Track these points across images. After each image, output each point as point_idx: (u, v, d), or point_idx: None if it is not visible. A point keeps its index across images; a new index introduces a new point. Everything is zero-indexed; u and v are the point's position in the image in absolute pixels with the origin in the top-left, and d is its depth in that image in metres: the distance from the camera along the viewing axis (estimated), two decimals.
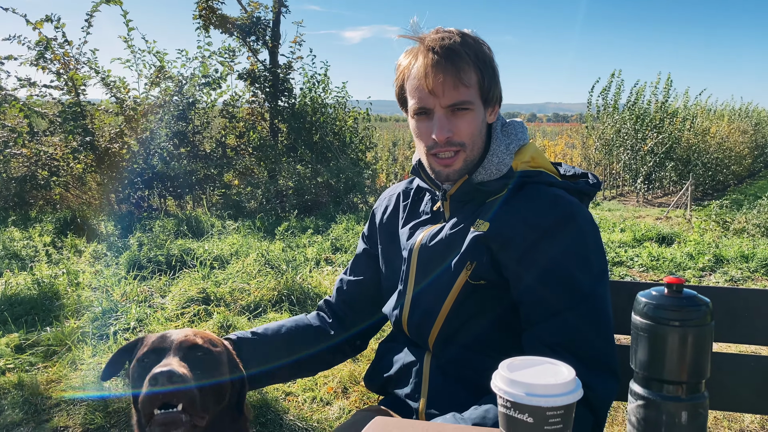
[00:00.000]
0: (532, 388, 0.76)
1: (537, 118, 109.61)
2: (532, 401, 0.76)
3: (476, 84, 1.27)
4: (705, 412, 0.78)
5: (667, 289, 0.77)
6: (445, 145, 1.28)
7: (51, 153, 9.40)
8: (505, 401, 0.78)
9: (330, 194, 9.53)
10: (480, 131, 1.31)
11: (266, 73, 10.24)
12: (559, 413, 0.76)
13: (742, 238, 6.88)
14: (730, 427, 2.88)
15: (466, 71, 1.25)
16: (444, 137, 1.26)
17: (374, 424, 1.04)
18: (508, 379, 0.78)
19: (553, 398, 0.76)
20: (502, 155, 1.33)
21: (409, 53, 1.32)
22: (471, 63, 1.25)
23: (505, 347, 1.26)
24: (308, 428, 2.88)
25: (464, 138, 1.28)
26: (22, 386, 3.31)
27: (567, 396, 0.77)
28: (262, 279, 4.95)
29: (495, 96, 1.32)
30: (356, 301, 1.57)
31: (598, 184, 1.37)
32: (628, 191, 13.39)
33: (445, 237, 1.32)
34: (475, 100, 1.28)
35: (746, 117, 17.91)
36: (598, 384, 1.13)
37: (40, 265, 5.73)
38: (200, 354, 1.13)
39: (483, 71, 1.27)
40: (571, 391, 0.77)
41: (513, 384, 0.78)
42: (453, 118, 1.27)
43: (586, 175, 1.39)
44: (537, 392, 0.76)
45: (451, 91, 1.25)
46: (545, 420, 0.76)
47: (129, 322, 4.14)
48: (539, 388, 0.76)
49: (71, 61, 9.04)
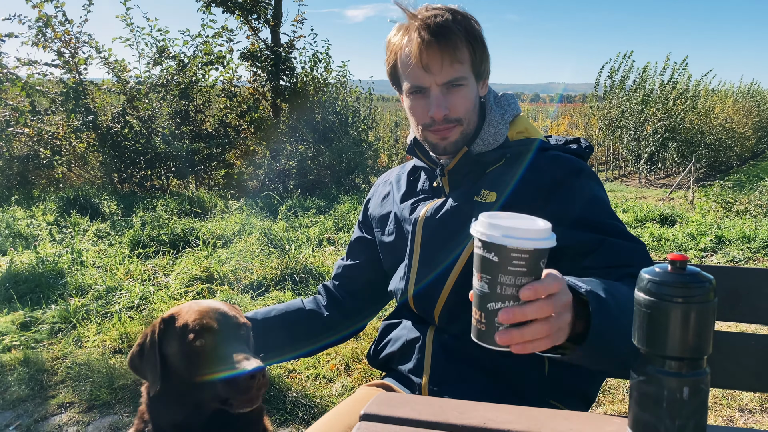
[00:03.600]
0: (502, 230, 0.80)
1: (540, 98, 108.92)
2: (497, 240, 0.80)
3: (469, 59, 1.28)
4: (706, 387, 0.79)
5: (671, 266, 0.77)
6: (442, 122, 1.29)
7: (53, 132, 9.38)
8: (479, 241, 0.83)
9: (332, 174, 9.52)
10: (474, 105, 1.33)
11: (268, 51, 10.17)
12: (523, 257, 0.80)
13: (744, 219, 6.87)
14: (729, 405, 2.91)
15: (459, 48, 1.26)
16: (441, 114, 1.28)
17: (377, 398, 1.05)
18: (486, 223, 0.82)
19: (517, 240, 0.79)
20: (497, 125, 1.35)
21: (400, 30, 1.31)
22: (463, 39, 1.26)
23: None
24: (311, 405, 2.92)
25: (461, 113, 1.30)
26: (27, 363, 3.35)
27: (531, 241, 0.79)
28: (265, 258, 4.97)
29: (486, 70, 1.34)
30: (353, 284, 1.59)
31: (590, 147, 1.40)
32: (630, 172, 13.35)
33: (450, 208, 1.33)
34: (469, 75, 1.29)
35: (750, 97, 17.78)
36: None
37: (43, 244, 5.75)
38: (243, 332, 1.21)
39: (474, 46, 1.29)
40: (535, 238, 0.80)
41: (488, 226, 0.82)
42: (449, 95, 1.28)
43: (578, 140, 1.41)
44: (504, 233, 0.80)
45: (448, 69, 1.26)
46: (509, 260, 0.80)
47: (133, 301, 4.17)
48: (507, 230, 0.80)
49: (72, 40, 8.99)
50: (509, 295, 0.82)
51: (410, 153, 1.45)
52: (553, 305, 0.83)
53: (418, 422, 0.97)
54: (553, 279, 0.83)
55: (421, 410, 1.00)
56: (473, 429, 0.94)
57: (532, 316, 0.81)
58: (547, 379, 1.27)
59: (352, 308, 1.58)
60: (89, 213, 7.34)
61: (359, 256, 1.59)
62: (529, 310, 0.81)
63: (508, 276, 0.81)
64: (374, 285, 1.57)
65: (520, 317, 0.81)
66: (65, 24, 8.94)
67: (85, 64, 9.15)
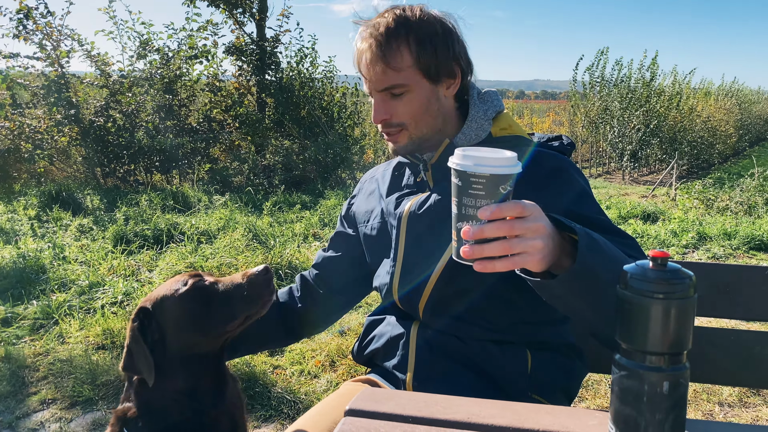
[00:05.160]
0: (466, 159, 0.89)
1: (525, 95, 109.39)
2: (459, 167, 0.89)
3: (411, 64, 1.28)
4: (686, 382, 0.80)
5: (652, 263, 0.79)
6: (384, 127, 1.33)
7: (34, 126, 9.26)
8: (451, 170, 0.92)
9: (318, 170, 9.49)
10: (427, 109, 1.32)
11: (253, 46, 10.11)
12: (480, 181, 0.88)
13: (725, 216, 6.97)
14: (709, 399, 2.95)
15: (394, 55, 1.26)
16: (379, 119, 1.32)
17: (362, 394, 1.06)
18: (458, 154, 0.91)
19: (476, 166, 0.87)
20: (480, 121, 1.36)
21: (358, 35, 1.34)
22: (405, 43, 1.27)
23: (494, 316, 1.29)
24: (296, 400, 2.92)
25: (403, 118, 1.32)
26: (8, 359, 3.31)
27: (487, 167, 0.87)
28: (250, 254, 4.95)
29: (443, 71, 1.31)
30: (331, 275, 1.59)
31: (572, 144, 1.41)
32: (614, 169, 13.47)
33: (434, 203, 1.34)
34: (412, 81, 1.29)
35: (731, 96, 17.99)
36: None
37: (25, 239, 5.69)
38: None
39: (420, 50, 1.27)
40: (492, 165, 0.87)
41: (458, 157, 0.90)
42: (391, 100, 1.31)
43: (560, 137, 1.42)
44: (465, 161, 0.88)
45: (380, 76, 1.28)
46: (469, 184, 0.88)
47: (116, 296, 4.13)
48: (470, 158, 0.88)
49: (54, 32, 8.88)
50: (471, 215, 0.90)
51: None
52: (513, 227, 0.88)
53: (402, 417, 0.97)
54: (515, 203, 0.89)
55: (405, 405, 1.01)
56: (457, 423, 0.95)
57: (489, 234, 0.88)
58: (530, 374, 1.29)
59: (326, 299, 1.58)
60: (72, 208, 7.25)
61: (340, 248, 1.59)
62: (487, 228, 0.88)
63: (469, 198, 0.89)
64: (351, 279, 1.57)
65: (478, 234, 0.88)
66: (47, 16, 8.83)
67: (67, 57, 9.04)
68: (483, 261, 0.90)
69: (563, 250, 0.98)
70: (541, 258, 0.92)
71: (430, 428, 0.94)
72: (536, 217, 0.91)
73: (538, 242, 0.90)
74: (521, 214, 0.89)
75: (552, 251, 0.94)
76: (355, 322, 3.82)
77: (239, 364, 3.18)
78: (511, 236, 0.89)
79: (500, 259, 0.90)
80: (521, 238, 0.89)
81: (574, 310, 1.06)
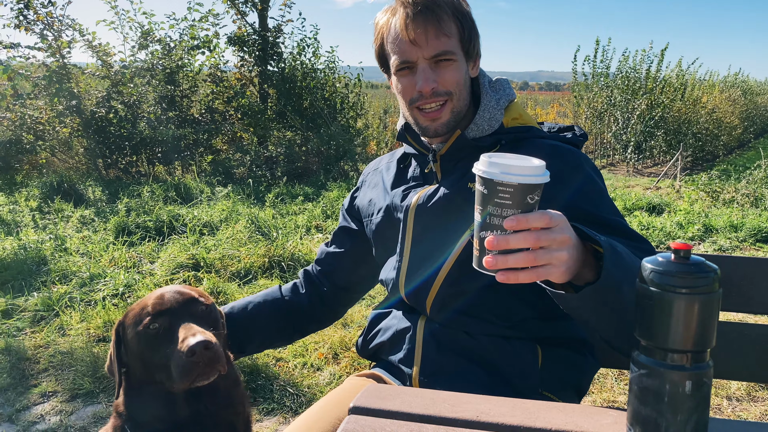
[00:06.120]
0: (493, 166, 0.86)
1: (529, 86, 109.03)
2: (486, 174, 0.86)
3: (457, 35, 1.26)
4: (709, 381, 0.76)
5: (674, 255, 0.75)
6: (431, 96, 1.26)
7: (36, 117, 9.22)
8: (477, 177, 0.89)
9: (320, 161, 9.44)
10: (465, 83, 1.30)
11: (255, 36, 10.04)
12: (508, 190, 0.85)
13: (731, 208, 6.90)
14: (716, 393, 2.91)
15: (446, 21, 1.24)
16: (429, 87, 1.25)
17: (367, 390, 1.02)
18: (484, 161, 0.87)
19: (504, 175, 0.84)
20: (492, 110, 1.32)
21: (387, 11, 1.30)
22: (450, 14, 1.24)
23: (504, 312, 1.25)
24: (299, 393, 2.89)
25: (450, 86, 1.27)
26: (9, 351, 3.29)
27: (516, 176, 0.84)
28: (252, 246, 4.92)
29: (475, 49, 1.31)
30: (335, 271, 1.56)
31: (584, 135, 1.38)
32: (618, 160, 13.39)
33: (442, 196, 1.29)
34: (457, 51, 1.27)
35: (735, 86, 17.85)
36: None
37: (26, 231, 5.66)
38: (202, 309, 1.20)
39: (463, 22, 1.26)
40: (521, 174, 0.84)
41: (485, 164, 0.87)
42: (437, 68, 1.26)
43: (571, 128, 1.38)
44: (493, 169, 0.85)
45: (434, 41, 1.23)
46: (495, 193, 0.85)
47: (117, 288, 4.11)
48: (498, 166, 0.85)
49: (55, 22, 8.82)
50: (497, 225, 0.87)
51: (400, 139, 1.41)
52: (538, 238, 0.85)
53: (409, 415, 0.94)
54: (541, 214, 0.86)
55: (411, 402, 0.97)
56: (466, 422, 0.91)
57: (515, 245, 0.85)
58: (541, 370, 1.25)
59: (330, 295, 1.56)
60: (73, 199, 7.23)
61: (343, 244, 1.56)
62: (512, 238, 0.85)
63: (495, 207, 0.86)
64: (356, 275, 1.55)
65: (503, 244, 0.85)
66: (48, 6, 8.77)
67: (68, 48, 8.98)
68: (506, 272, 0.87)
69: (586, 261, 0.95)
70: (565, 270, 0.89)
71: (438, 427, 0.90)
72: (562, 228, 0.88)
73: (563, 254, 0.87)
74: (548, 224, 0.86)
75: (575, 263, 0.91)
76: (358, 315, 3.79)
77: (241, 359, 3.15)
78: (536, 247, 0.86)
79: (524, 270, 0.87)
80: (546, 249, 0.86)
81: (589, 320, 1.03)
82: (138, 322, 1.17)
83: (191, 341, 1.08)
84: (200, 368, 1.08)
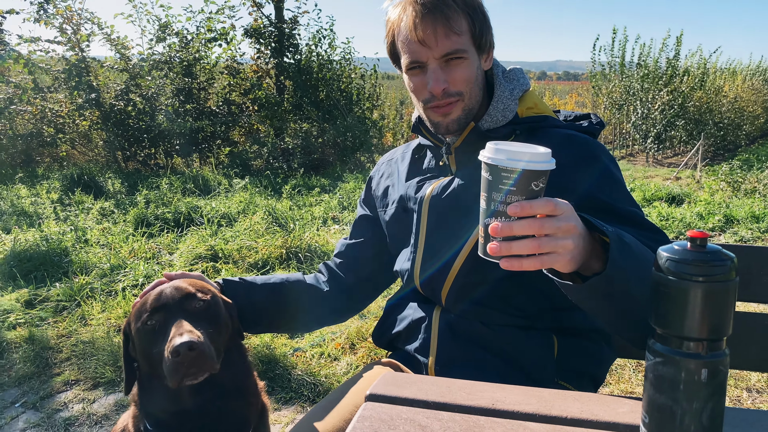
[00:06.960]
0: (498, 152, 0.86)
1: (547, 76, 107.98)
2: (491, 161, 0.86)
3: (468, 31, 1.24)
4: (725, 369, 0.76)
5: (691, 244, 0.74)
6: (442, 97, 1.25)
7: (56, 110, 9.34)
8: (482, 164, 0.89)
9: (337, 153, 9.46)
10: (477, 79, 1.28)
11: (271, 28, 10.06)
12: (512, 176, 0.84)
13: (753, 199, 6.81)
14: (736, 385, 2.89)
15: (455, 19, 1.21)
16: (440, 89, 1.23)
17: (384, 378, 1.03)
18: (489, 148, 0.87)
19: (507, 161, 0.84)
20: (506, 101, 1.31)
21: (397, 5, 1.28)
22: (460, 10, 1.22)
23: (520, 302, 1.25)
24: (316, 383, 2.91)
25: (461, 87, 1.25)
26: (32, 340, 3.35)
27: (519, 162, 0.84)
28: (270, 237, 4.95)
29: (488, 41, 1.29)
30: (355, 263, 1.54)
31: (601, 123, 1.36)
32: (637, 151, 13.24)
33: (457, 187, 1.29)
34: (469, 48, 1.24)
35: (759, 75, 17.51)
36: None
37: (47, 222, 5.75)
38: (199, 305, 1.18)
39: (473, 17, 1.24)
40: (525, 160, 0.84)
41: (490, 150, 0.87)
42: (447, 68, 1.24)
43: (588, 116, 1.36)
44: (497, 155, 0.85)
45: (443, 41, 1.21)
46: (500, 179, 0.86)
47: (137, 279, 4.16)
48: (502, 152, 0.85)
49: (74, 16, 8.91)
50: (501, 211, 0.87)
51: (415, 131, 1.41)
52: (543, 225, 0.85)
53: (425, 403, 0.94)
54: (546, 201, 0.85)
55: (428, 390, 0.98)
56: (482, 410, 0.92)
57: (518, 232, 0.85)
58: (557, 360, 1.25)
59: (353, 287, 1.53)
60: (93, 191, 7.33)
61: (363, 234, 1.55)
62: (516, 225, 0.85)
63: (499, 193, 0.86)
64: (377, 264, 1.52)
65: (507, 231, 0.85)
66: (67, 0, 8.86)
67: (87, 41, 9.08)
68: (510, 259, 0.87)
69: (593, 251, 0.94)
70: (570, 259, 0.88)
71: (454, 414, 0.91)
72: (568, 216, 0.87)
73: (568, 242, 0.87)
74: (552, 212, 0.86)
75: (582, 252, 0.90)
76: (374, 305, 3.80)
77: (259, 347, 3.19)
78: (541, 235, 0.85)
79: (528, 257, 0.87)
80: (551, 237, 0.86)
81: (597, 311, 1.02)
82: (138, 318, 1.18)
83: (176, 342, 1.06)
84: (185, 369, 1.06)
